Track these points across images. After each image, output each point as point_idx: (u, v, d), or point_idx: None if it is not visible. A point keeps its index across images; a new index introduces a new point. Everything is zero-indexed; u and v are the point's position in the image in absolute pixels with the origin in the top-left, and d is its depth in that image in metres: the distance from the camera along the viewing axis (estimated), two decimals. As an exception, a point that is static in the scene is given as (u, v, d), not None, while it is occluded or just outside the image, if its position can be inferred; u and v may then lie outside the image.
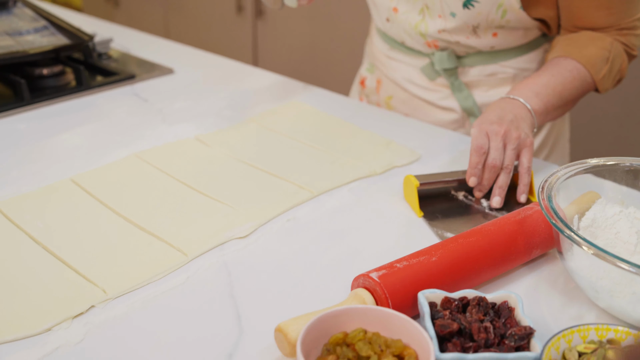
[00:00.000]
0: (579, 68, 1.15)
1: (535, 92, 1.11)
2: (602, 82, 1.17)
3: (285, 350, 0.72)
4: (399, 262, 0.80)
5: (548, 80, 1.13)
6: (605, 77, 1.17)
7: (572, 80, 1.15)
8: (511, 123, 1.05)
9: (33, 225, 0.97)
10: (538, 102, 1.11)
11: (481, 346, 0.69)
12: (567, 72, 1.15)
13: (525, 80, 1.15)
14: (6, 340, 0.76)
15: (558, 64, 1.16)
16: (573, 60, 1.16)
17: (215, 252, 0.93)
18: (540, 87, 1.12)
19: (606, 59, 1.16)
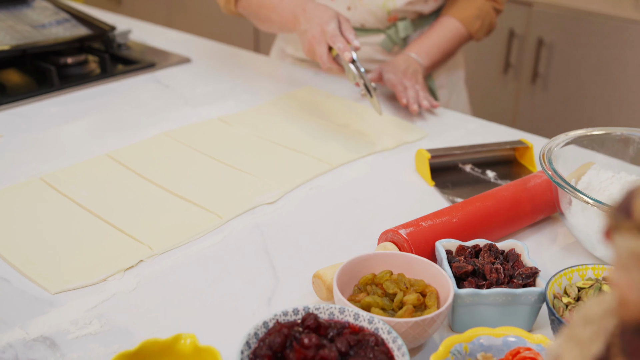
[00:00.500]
0: (459, 26, 1.52)
1: (425, 52, 1.48)
2: (476, 34, 1.55)
3: (322, 294, 0.81)
4: (424, 220, 0.90)
5: (436, 41, 1.50)
6: (478, 30, 1.54)
7: (452, 38, 1.52)
8: (413, 73, 1.42)
9: (79, 194, 1.06)
10: (427, 59, 1.48)
11: (493, 284, 0.78)
12: (449, 32, 1.51)
13: (420, 40, 1.50)
14: (69, 288, 0.85)
15: (443, 24, 1.52)
16: (453, 19, 1.52)
17: (247, 216, 1.03)
18: (429, 47, 1.49)
19: (478, 16, 1.53)
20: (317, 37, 1.26)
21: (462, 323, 0.77)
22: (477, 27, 1.53)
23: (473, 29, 1.53)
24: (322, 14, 1.27)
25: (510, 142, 1.20)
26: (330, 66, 1.27)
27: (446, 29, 1.51)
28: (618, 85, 2.28)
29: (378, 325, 0.68)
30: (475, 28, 1.53)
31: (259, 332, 0.67)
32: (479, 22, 1.53)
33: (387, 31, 1.54)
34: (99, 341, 0.77)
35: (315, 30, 1.26)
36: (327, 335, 0.67)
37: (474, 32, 1.54)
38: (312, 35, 1.26)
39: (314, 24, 1.26)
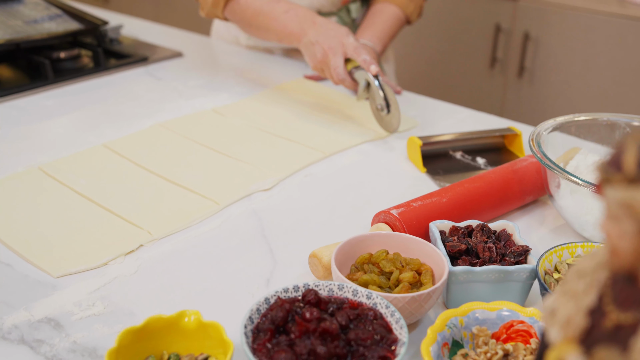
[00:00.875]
0: (397, 10, 1.57)
1: (378, 37, 1.52)
2: (411, 15, 1.60)
3: (319, 273, 0.84)
4: (414, 201, 0.92)
5: (382, 27, 1.54)
6: (412, 11, 1.60)
7: (395, 22, 1.57)
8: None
9: (77, 183, 1.08)
10: (380, 45, 1.52)
11: (486, 262, 0.81)
12: (391, 17, 1.56)
13: (369, 26, 1.54)
14: (72, 272, 0.87)
15: (384, 11, 1.57)
16: (391, 5, 1.58)
17: (244, 202, 1.05)
18: (379, 32, 1.53)
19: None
20: (334, 49, 1.27)
21: (457, 300, 0.80)
22: (412, 9, 1.60)
23: (408, 10, 1.59)
24: (338, 27, 1.29)
25: (499, 130, 1.23)
26: (344, 78, 1.27)
27: (388, 15, 1.56)
28: (603, 79, 2.31)
29: (376, 301, 0.71)
30: (410, 10, 1.59)
31: (261, 307, 0.69)
32: (412, 5, 1.59)
33: (339, 13, 1.61)
34: (103, 321, 0.79)
35: (332, 42, 1.27)
36: (327, 310, 0.70)
37: (409, 14, 1.60)
38: (329, 46, 1.27)
39: (329, 36, 1.28)
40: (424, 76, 2.77)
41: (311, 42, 1.30)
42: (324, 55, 1.28)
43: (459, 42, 2.64)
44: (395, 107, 1.24)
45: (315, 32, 1.30)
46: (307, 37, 1.31)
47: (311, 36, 1.30)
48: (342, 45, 1.27)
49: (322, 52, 1.29)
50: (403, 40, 2.70)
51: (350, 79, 1.28)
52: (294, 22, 1.35)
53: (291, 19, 1.35)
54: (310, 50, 1.31)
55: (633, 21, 2.20)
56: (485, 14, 2.52)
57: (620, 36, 2.23)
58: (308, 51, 1.32)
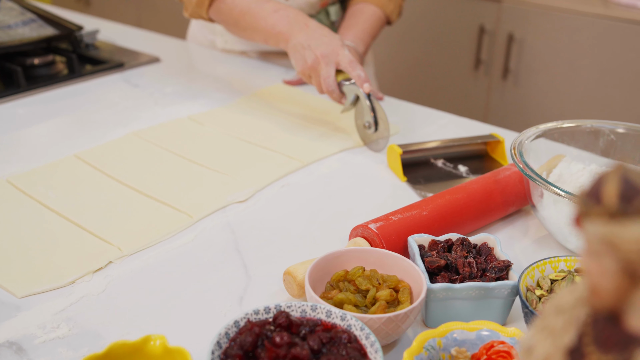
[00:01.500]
0: (376, 10, 1.53)
1: (360, 38, 1.47)
2: (391, 15, 1.57)
3: (294, 291, 0.80)
4: (394, 214, 0.89)
5: (364, 27, 1.49)
6: (392, 11, 1.56)
7: (376, 22, 1.53)
8: None
9: (46, 196, 1.04)
10: (362, 45, 1.46)
11: (466, 278, 0.78)
12: (372, 17, 1.52)
13: (350, 27, 1.49)
14: (36, 292, 0.83)
15: (364, 11, 1.53)
16: (370, 5, 1.54)
17: (218, 214, 1.01)
18: (362, 33, 1.48)
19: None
20: (327, 57, 1.21)
21: (436, 318, 0.77)
22: (391, 8, 1.56)
23: (388, 10, 1.56)
24: (332, 35, 1.24)
25: (481, 137, 1.20)
26: (333, 90, 1.22)
27: (368, 15, 1.53)
28: (588, 80, 2.30)
29: (351, 322, 0.68)
30: (390, 9, 1.56)
31: (230, 331, 0.66)
32: (391, 4, 1.56)
33: (318, 15, 1.57)
34: (67, 345, 0.75)
35: (325, 49, 1.21)
36: (299, 333, 0.66)
37: (389, 13, 1.56)
38: (322, 53, 1.21)
39: (323, 43, 1.22)
40: (407, 79, 2.74)
41: (302, 46, 1.24)
42: (316, 62, 1.22)
43: (443, 43, 2.61)
44: (384, 127, 1.19)
45: (307, 36, 1.24)
46: (297, 39, 1.24)
47: (302, 39, 1.24)
48: (336, 55, 1.21)
49: (313, 58, 1.22)
50: (384, 42, 2.67)
51: (338, 92, 1.22)
52: (284, 22, 1.29)
53: (281, 19, 1.29)
54: (300, 54, 1.25)
55: (617, 22, 2.18)
56: (469, 15, 2.50)
57: (604, 37, 2.21)
58: (297, 54, 1.25)
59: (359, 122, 1.23)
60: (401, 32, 2.65)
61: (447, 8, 2.54)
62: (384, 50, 2.71)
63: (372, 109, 1.18)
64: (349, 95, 1.21)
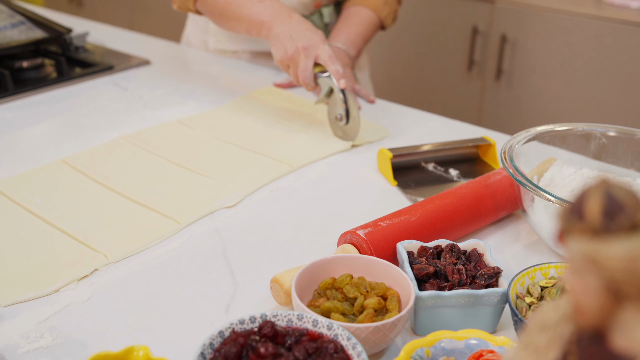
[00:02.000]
0: (370, 14, 1.55)
1: (352, 41, 1.51)
2: (385, 19, 1.58)
3: (281, 299, 0.79)
4: (382, 220, 0.88)
5: (357, 30, 1.52)
6: (387, 16, 1.58)
7: (369, 26, 1.55)
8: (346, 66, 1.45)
9: (31, 202, 1.03)
10: (354, 49, 1.51)
11: (455, 285, 0.77)
12: (365, 20, 1.54)
13: (343, 30, 1.52)
14: (19, 300, 0.82)
15: (357, 14, 1.54)
16: (364, 8, 1.55)
17: (206, 220, 1.00)
18: (354, 37, 1.51)
19: (384, 2, 1.57)
20: (308, 50, 1.22)
21: (425, 326, 0.76)
22: (386, 12, 1.57)
23: (383, 14, 1.57)
24: (315, 29, 1.26)
25: (472, 140, 1.19)
26: (309, 82, 1.23)
27: (362, 18, 1.54)
28: (582, 81, 2.29)
29: (337, 332, 0.66)
30: (384, 14, 1.57)
31: (215, 341, 0.65)
32: (387, 8, 1.57)
33: (311, 17, 1.58)
34: (51, 355, 0.74)
35: (307, 42, 1.23)
36: (284, 344, 0.65)
37: (383, 18, 1.58)
38: (303, 45, 1.22)
39: (306, 36, 1.23)
40: (399, 80, 2.73)
41: (284, 36, 1.25)
42: (296, 53, 1.23)
43: (436, 44, 2.60)
44: (354, 122, 1.21)
45: (290, 27, 1.25)
46: (280, 28, 1.25)
47: (285, 29, 1.25)
48: (316, 48, 1.22)
49: (294, 49, 1.23)
50: (377, 43, 2.66)
51: (314, 84, 1.24)
52: (268, 12, 1.30)
53: (265, 9, 1.30)
54: (281, 43, 1.25)
55: (610, 23, 2.17)
56: (462, 16, 2.49)
57: (597, 38, 2.21)
58: (278, 43, 1.26)
59: (331, 114, 1.25)
60: (393, 33, 2.64)
61: (440, 9, 2.54)
62: (377, 52, 2.70)
63: (344, 102, 1.21)
64: (324, 87, 1.23)
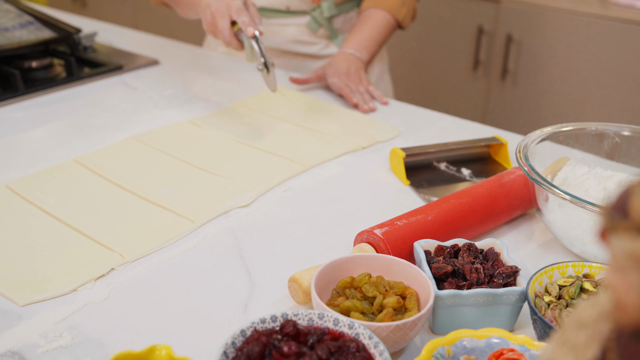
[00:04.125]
0: (386, 16, 1.55)
1: (363, 46, 1.51)
2: (403, 21, 1.58)
3: (299, 298, 0.79)
4: (398, 219, 0.88)
5: (370, 34, 1.53)
6: (404, 16, 1.57)
7: (384, 29, 1.55)
8: (355, 73, 1.46)
9: (45, 201, 1.03)
10: (366, 54, 1.51)
11: (473, 284, 0.77)
12: (380, 23, 1.54)
13: (355, 35, 1.53)
14: (37, 300, 0.82)
15: (373, 17, 1.54)
16: (381, 10, 1.55)
17: (221, 219, 1.00)
18: (366, 41, 1.52)
19: (402, 3, 1.57)
20: (220, 11, 1.26)
21: (443, 325, 0.76)
22: (404, 14, 1.57)
23: (400, 16, 1.56)
24: None
25: (484, 139, 1.19)
26: (230, 41, 1.27)
27: (377, 21, 1.54)
28: (587, 80, 2.29)
29: (359, 331, 0.67)
30: (402, 15, 1.56)
31: (237, 341, 0.65)
32: (404, 9, 1.57)
33: (312, 12, 1.59)
34: (70, 354, 0.74)
35: (220, 5, 1.26)
36: (306, 342, 0.65)
37: (401, 19, 1.57)
38: (216, 8, 1.26)
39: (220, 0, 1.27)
40: (405, 80, 2.73)
41: (204, 5, 1.30)
42: (213, 17, 1.28)
43: (441, 44, 2.61)
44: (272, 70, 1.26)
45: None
46: (203, 1, 1.30)
47: (205, 0, 1.29)
48: (228, 7, 1.25)
49: (210, 14, 1.28)
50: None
51: (236, 41, 1.28)
52: None
53: None
54: (203, 14, 1.31)
55: (615, 22, 2.17)
56: (468, 15, 2.49)
57: (603, 37, 2.21)
58: (202, 14, 1.32)
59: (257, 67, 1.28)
60: (399, 33, 2.64)
61: (446, 9, 2.54)
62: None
63: (259, 51, 1.24)
64: (245, 42, 1.27)
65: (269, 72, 1.26)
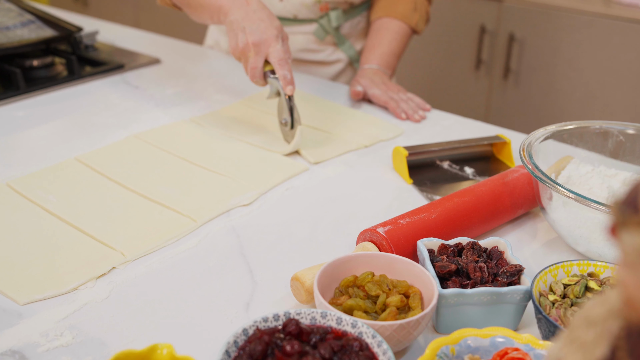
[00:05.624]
0: (400, 25, 1.52)
1: (385, 62, 1.50)
2: (417, 26, 1.55)
3: (301, 297, 0.79)
4: (401, 218, 0.87)
5: (390, 49, 1.51)
6: (417, 22, 1.54)
7: (401, 39, 1.53)
8: (392, 83, 1.45)
9: (46, 200, 1.03)
10: (389, 69, 1.51)
11: (477, 283, 0.76)
12: (397, 35, 1.52)
13: (375, 50, 1.51)
14: (37, 299, 0.82)
15: (388, 29, 1.52)
16: (394, 20, 1.52)
17: (222, 218, 1.00)
18: (387, 56, 1.51)
19: (414, 9, 1.54)
20: (258, 47, 1.16)
21: (447, 324, 0.76)
22: (417, 19, 1.54)
23: (413, 22, 1.53)
24: (271, 21, 1.18)
25: (487, 138, 1.19)
26: (257, 80, 1.19)
27: (393, 32, 1.52)
28: (589, 79, 2.28)
29: (362, 330, 0.66)
30: (415, 21, 1.54)
31: (239, 340, 0.64)
32: (417, 14, 1.54)
33: (320, 20, 1.56)
34: (71, 353, 0.74)
35: (259, 38, 1.16)
36: (309, 341, 0.65)
37: (414, 26, 1.54)
38: (254, 41, 1.16)
39: (259, 29, 1.17)
40: (407, 79, 2.72)
41: (237, 25, 1.18)
42: (247, 48, 1.17)
43: (443, 43, 2.60)
44: (298, 131, 1.18)
45: (245, 15, 1.18)
46: (235, 15, 1.19)
47: (240, 17, 1.18)
48: (267, 46, 1.16)
49: (245, 43, 1.17)
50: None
51: (263, 82, 1.20)
52: None
53: None
54: (233, 33, 1.19)
55: (618, 21, 2.17)
56: (470, 15, 2.48)
57: (605, 36, 2.20)
58: (231, 33, 1.20)
59: (279, 116, 1.23)
60: (401, 32, 2.63)
61: (448, 8, 2.53)
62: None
63: (289, 109, 1.18)
64: (272, 87, 1.20)
65: (292, 128, 1.19)
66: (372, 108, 1.41)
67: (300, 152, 1.19)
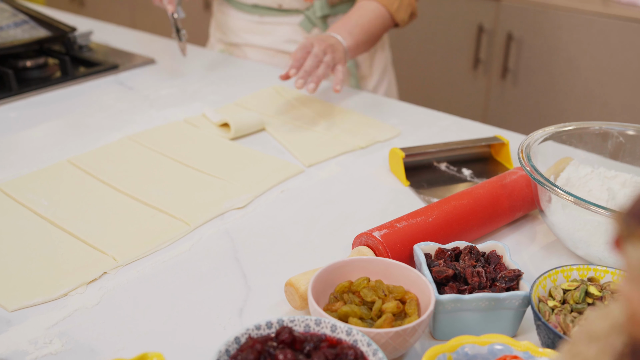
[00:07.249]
0: (378, 6, 1.46)
1: (348, 31, 1.38)
2: (397, 13, 1.48)
3: (296, 303, 0.77)
4: (398, 221, 0.86)
5: (357, 21, 1.41)
6: (398, 9, 1.48)
7: (374, 18, 1.44)
8: (331, 45, 1.30)
9: (38, 203, 1.01)
10: (350, 39, 1.37)
11: (475, 288, 0.75)
12: (371, 12, 1.45)
13: (341, 21, 1.42)
14: (27, 305, 0.80)
15: (363, 7, 1.46)
16: (374, 2, 1.46)
17: (216, 222, 0.98)
18: (352, 27, 1.39)
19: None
20: None
21: (444, 330, 0.74)
22: (396, 6, 1.48)
23: (392, 8, 1.48)
24: None
25: (485, 139, 1.17)
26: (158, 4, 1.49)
27: (366, 9, 1.47)
28: (588, 79, 2.27)
29: (357, 337, 0.64)
30: (394, 7, 1.48)
31: (231, 348, 0.63)
32: (396, 2, 1.48)
33: (306, 12, 1.56)
34: (60, 361, 0.72)
35: None
36: (303, 350, 0.63)
37: (394, 12, 1.49)
38: None
39: None
40: (405, 78, 2.71)
41: None
42: None
43: (441, 43, 2.58)
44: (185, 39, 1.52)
45: None
46: None
47: None
48: None
49: None
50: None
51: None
52: None
53: None
54: None
55: (616, 20, 2.15)
56: (468, 14, 2.47)
57: (604, 36, 2.19)
58: None
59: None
60: (399, 32, 2.62)
61: (446, 7, 2.52)
62: (382, 50, 2.68)
63: (174, 24, 1.50)
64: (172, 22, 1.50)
65: (180, 39, 1.50)
66: (368, 109, 1.39)
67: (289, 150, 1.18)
